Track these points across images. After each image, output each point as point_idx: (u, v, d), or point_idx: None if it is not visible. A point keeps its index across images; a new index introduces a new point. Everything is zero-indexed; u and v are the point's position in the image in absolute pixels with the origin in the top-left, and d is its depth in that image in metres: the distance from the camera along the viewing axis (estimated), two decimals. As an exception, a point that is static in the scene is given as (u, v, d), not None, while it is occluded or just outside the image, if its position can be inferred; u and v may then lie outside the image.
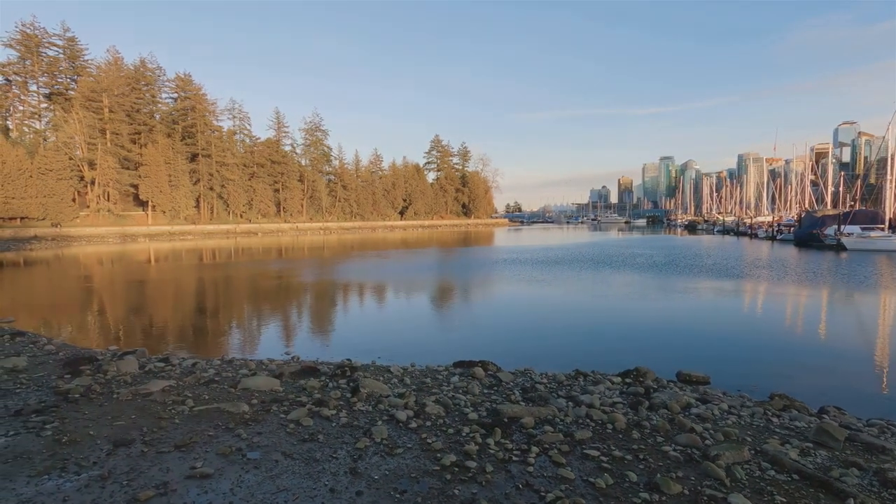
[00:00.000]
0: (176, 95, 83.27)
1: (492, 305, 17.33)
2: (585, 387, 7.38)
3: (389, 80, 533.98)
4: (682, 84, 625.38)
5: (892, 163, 43.29)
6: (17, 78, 69.38)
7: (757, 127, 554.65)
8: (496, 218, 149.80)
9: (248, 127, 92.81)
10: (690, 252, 38.44)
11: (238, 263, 33.16)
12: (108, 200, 69.57)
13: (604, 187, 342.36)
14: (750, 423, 5.98)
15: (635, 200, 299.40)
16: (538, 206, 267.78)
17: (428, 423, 5.37)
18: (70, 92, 71.50)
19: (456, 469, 4.22)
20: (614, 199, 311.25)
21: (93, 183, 67.66)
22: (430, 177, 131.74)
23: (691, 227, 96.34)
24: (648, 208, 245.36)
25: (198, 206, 79.04)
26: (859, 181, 61.19)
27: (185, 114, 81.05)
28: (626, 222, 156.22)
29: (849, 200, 62.66)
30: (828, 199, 66.35)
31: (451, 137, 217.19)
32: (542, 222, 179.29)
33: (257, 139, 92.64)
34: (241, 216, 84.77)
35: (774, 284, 20.84)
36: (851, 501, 3.77)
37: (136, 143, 73.57)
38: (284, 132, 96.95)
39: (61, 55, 73.03)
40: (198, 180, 78.69)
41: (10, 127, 68.60)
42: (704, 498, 3.80)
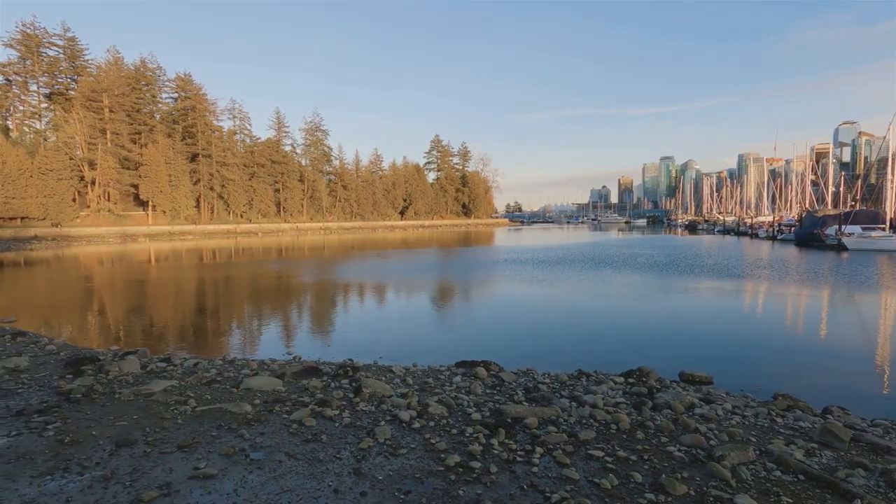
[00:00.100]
0: (176, 95, 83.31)
1: (493, 305, 17.31)
2: (588, 387, 7.36)
3: (389, 80, 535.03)
4: (682, 84, 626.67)
5: (893, 163, 43.28)
6: (18, 78, 69.40)
7: (757, 127, 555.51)
8: (496, 218, 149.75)
9: (248, 127, 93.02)
10: (691, 252, 38.42)
11: (238, 263, 33.15)
12: (109, 200, 69.60)
13: (604, 187, 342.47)
14: (754, 423, 5.95)
15: (635, 200, 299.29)
16: (538, 206, 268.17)
17: (431, 423, 5.35)
18: (70, 92, 71.49)
19: (460, 469, 4.20)
20: (614, 199, 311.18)
21: (93, 183, 67.68)
22: (431, 177, 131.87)
23: (692, 227, 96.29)
24: (649, 208, 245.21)
25: (198, 206, 79.04)
26: (860, 181, 61.19)
27: (185, 114, 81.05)
28: (626, 222, 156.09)
29: (849, 200, 62.61)
30: (828, 198, 66.32)
31: (451, 137, 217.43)
32: (542, 222, 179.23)
33: (257, 139, 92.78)
34: (242, 216, 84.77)
35: (775, 284, 20.81)
36: (858, 502, 3.75)
37: (136, 143, 73.56)
38: (285, 132, 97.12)
39: (61, 55, 73.04)
40: (198, 180, 78.69)
41: (11, 127, 68.60)
42: (710, 499, 3.78)
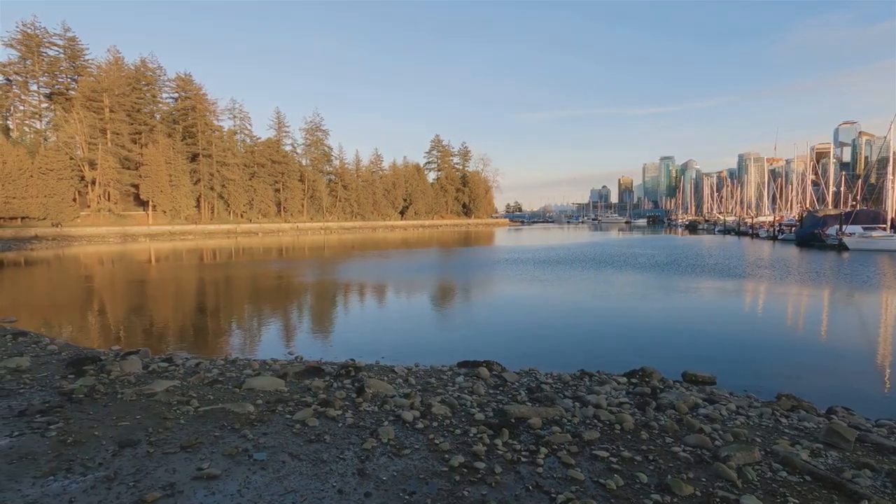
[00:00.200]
0: (176, 95, 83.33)
1: (494, 305, 17.29)
2: (591, 387, 7.34)
3: (389, 80, 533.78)
4: (682, 84, 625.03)
5: (894, 163, 43.23)
6: (18, 78, 69.40)
7: (757, 127, 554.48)
8: (497, 218, 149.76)
9: (248, 127, 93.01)
10: (692, 252, 38.39)
11: (239, 263, 33.14)
12: (109, 200, 69.58)
13: (604, 187, 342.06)
14: (758, 423, 5.93)
15: (636, 200, 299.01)
16: (538, 206, 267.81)
17: (434, 423, 5.33)
18: (71, 92, 71.48)
19: (465, 470, 4.18)
20: (615, 199, 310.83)
21: (93, 183, 67.67)
22: (431, 177, 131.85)
23: (692, 227, 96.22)
24: (649, 208, 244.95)
25: (198, 206, 79.04)
26: (860, 181, 61.13)
27: (185, 114, 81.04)
28: (626, 222, 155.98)
29: (850, 200, 62.58)
30: (829, 198, 66.25)
31: (451, 137, 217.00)
32: (542, 222, 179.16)
33: (258, 139, 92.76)
34: (242, 216, 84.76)
35: (777, 284, 20.78)
36: (866, 503, 3.73)
37: (136, 143, 73.55)
38: (285, 132, 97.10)
39: (62, 55, 73.03)
40: (198, 180, 78.68)
41: (11, 127, 68.61)
42: (717, 499, 3.76)
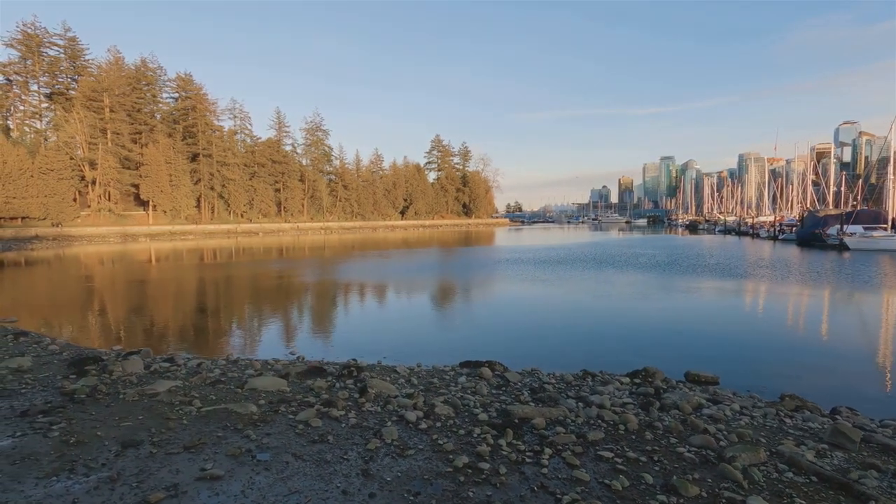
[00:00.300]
0: (177, 95, 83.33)
1: (494, 305, 17.27)
2: (594, 387, 7.32)
3: (389, 80, 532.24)
4: (682, 84, 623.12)
5: (894, 163, 43.21)
6: (18, 78, 69.38)
7: (757, 127, 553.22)
8: (497, 218, 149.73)
9: (248, 127, 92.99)
10: (693, 252, 38.37)
11: (239, 263, 33.13)
12: (109, 200, 69.57)
13: (604, 187, 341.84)
14: (763, 423, 5.91)
15: (636, 200, 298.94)
16: (539, 206, 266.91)
17: (438, 423, 5.32)
18: (71, 92, 71.47)
19: (469, 471, 4.16)
20: (615, 199, 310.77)
21: (94, 183, 67.66)
22: (431, 176, 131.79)
23: (692, 227, 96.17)
24: (649, 208, 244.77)
25: (199, 206, 79.03)
26: (861, 181, 61.10)
27: (185, 113, 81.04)
28: (626, 222, 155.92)
29: (851, 200, 62.56)
30: (829, 198, 66.21)
31: (451, 137, 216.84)
32: (542, 222, 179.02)
33: (258, 139, 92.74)
34: (242, 216, 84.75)
35: (778, 284, 20.76)
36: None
37: (136, 143, 73.54)
38: (285, 132, 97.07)
39: (62, 55, 73.01)
40: (199, 180, 78.68)
41: (11, 127, 68.61)
42: (723, 500, 3.74)
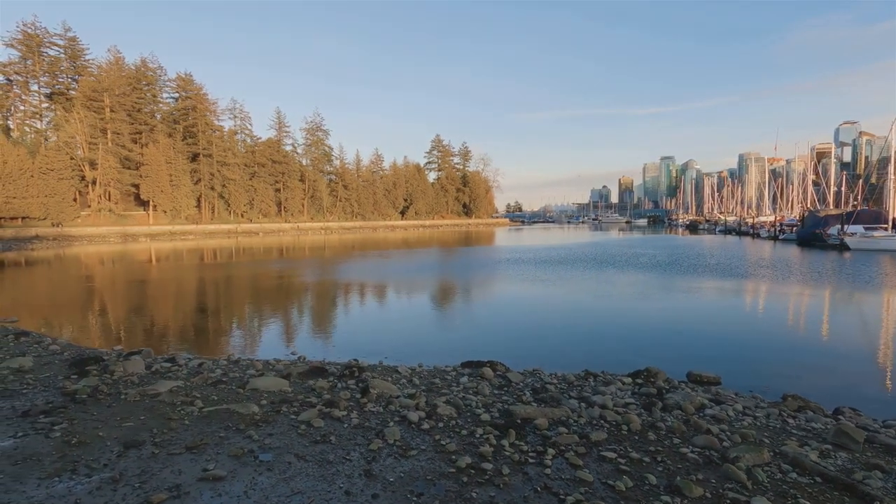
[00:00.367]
0: (177, 95, 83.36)
1: (495, 305, 17.26)
2: (596, 387, 7.31)
3: (389, 80, 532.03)
4: (682, 84, 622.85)
5: (895, 163, 43.18)
6: (19, 78, 69.38)
7: (757, 127, 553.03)
8: (497, 218, 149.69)
9: (249, 127, 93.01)
10: (693, 252, 38.35)
11: (239, 263, 33.11)
12: (110, 200, 69.56)
13: (604, 187, 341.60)
14: (766, 424, 5.89)
15: (636, 200, 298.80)
16: (539, 206, 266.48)
17: (440, 424, 5.30)
18: (71, 92, 71.49)
19: (472, 471, 4.15)
20: (615, 199, 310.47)
21: (94, 183, 67.65)
22: (431, 176, 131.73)
23: (693, 227, 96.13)
24: (649, 208, 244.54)
25: (199, 206, 79.02)
26: (861, 181, 61.05)
27: (186, 113, 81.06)
28: (627, 222, 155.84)
29: (851, 200, 62.52)
30: (830, 198, 66.19)
31: (451, 137, 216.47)
32: (542, 222, 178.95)
33: (258, 139, 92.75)
34: (242, 216, 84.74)
35: (779, 284, 20.75)
36: (877, 505, 3.70)
37: (137, 143, 73.54)
38: (285, 132, 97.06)
39: (62, 55, 73.02)
40: (199, 180, 78.67)
41: (12, 127, 68.61)
42: (727, 501, 3.73)
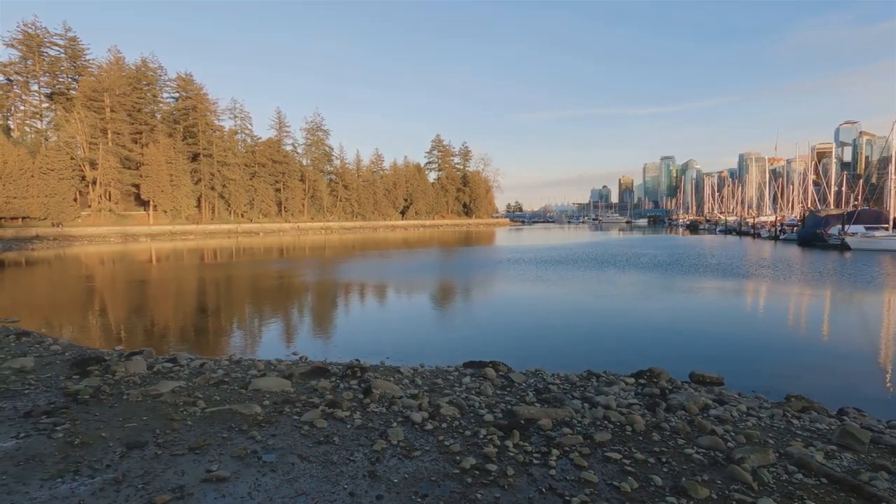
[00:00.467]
0: (177, 95, 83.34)
1: (496, 305, 17.24)
2: (599, 388, 7.29)
3: (389, 80, 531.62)
4: (682, 84, 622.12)
5: (896, 162, 43.17)
6: (19, 78, 69.37)
7: (757, 127, 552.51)
8: (497, 218, 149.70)
9: (249, 127, 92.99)
10: (694, 252, 38.33)
11: (240, 263, 33.10)
12: (110, 200, 69.55)
13: (605, 187, 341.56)
14: (770, 424, 5.87)
15: (636, 200, 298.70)
16: (539, 206, 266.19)
17: (444, 424, 5.28)
18: (71, 91, 71.48)
19: (476, 472, 4.13)
20: (615, 199, 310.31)
21: (94, 183, 67.64)
22: (432, 176, 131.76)
23: (693, 227, 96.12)
24: (649, 208, 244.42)
25: (199, 206, 79.00)
26: (862, 181, 61.00)
27: (186, 113, 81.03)
28: (627, 222, 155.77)
29: (852, 200, 62.48)
30: (830, 198, 66.12)
31: (451, 137, 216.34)
32: (543, 222, 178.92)
33: (258, 139, 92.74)
34: (243, 216, 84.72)
35: (780, 284, 20.73)
36: (884, 506, 3.68)
37: (137, 143, 73.53)
38: (286, 132, 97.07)
39: (63, 55, 73.01)
40: (199, 180, 78.66)
41: (12, 127, 68.60)
42: (734, 502, 3.71)
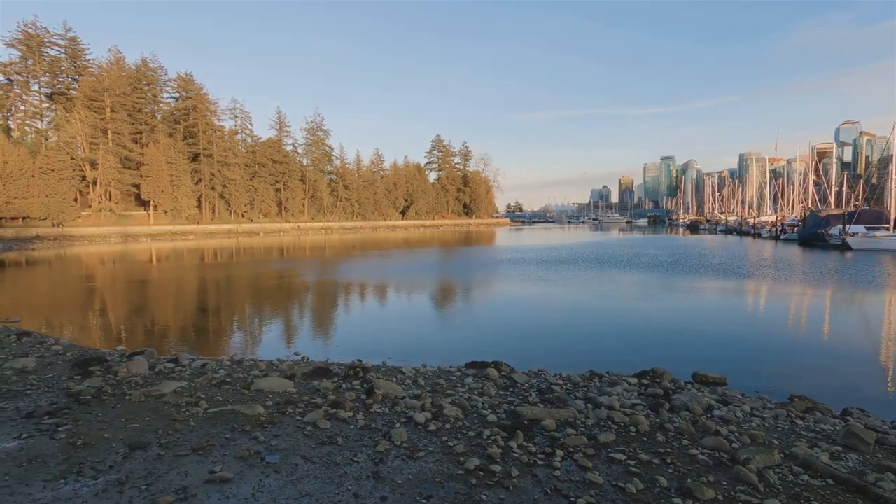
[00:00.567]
0: (177, 95, 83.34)
1: (497, 305, 17.22)
2: (602, 388, 7.27)
3: (389, 80, 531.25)
4: (682, 84, 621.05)
5: (897, 162, 43.15)
6: (19, 78, 69.35)
7: (757, 127, 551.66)
8: (497, 218, 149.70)
9: (249, 127, 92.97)
10: (695, 252, 38.31)
11: (240, 263, 33.08)
12: (110, 200, 69.55)
13: (605, 187, 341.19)
14: (774, 425, 5.85)
15: (636, 200, 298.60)
16: (539, 206, 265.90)
17: (447, 425, 5.27)
18: (72, 91, 71.45)
19: (481, 473, 4.11)
20: (615, 199, 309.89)
21: (94, 183, 67.64)
22: (432, 176, 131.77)
23: (693, 227, 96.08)
24: (650, 208, 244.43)
25: (199, 206, 78.98)
26: (862, 181, 60.99)
27: (186, 113, 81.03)
28: (627, 222, 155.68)
29: (853, 200, 62.46)
30: (831, 198, 66.11)
31: (451, 137, 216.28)
32: (543, 222, 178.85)
33: (259, 139, 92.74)
34: (243, 216, 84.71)
35: (781, 284, 20.71)
36: (891, 507, 3.66)
37: (137, 143, 73.52)
38: (286, 132, 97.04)
39: (63, 55, 72.99)
40: (199, 180, 78.64)
41: (12, 127, 68.60)
42: (740, 504, 3.70)
